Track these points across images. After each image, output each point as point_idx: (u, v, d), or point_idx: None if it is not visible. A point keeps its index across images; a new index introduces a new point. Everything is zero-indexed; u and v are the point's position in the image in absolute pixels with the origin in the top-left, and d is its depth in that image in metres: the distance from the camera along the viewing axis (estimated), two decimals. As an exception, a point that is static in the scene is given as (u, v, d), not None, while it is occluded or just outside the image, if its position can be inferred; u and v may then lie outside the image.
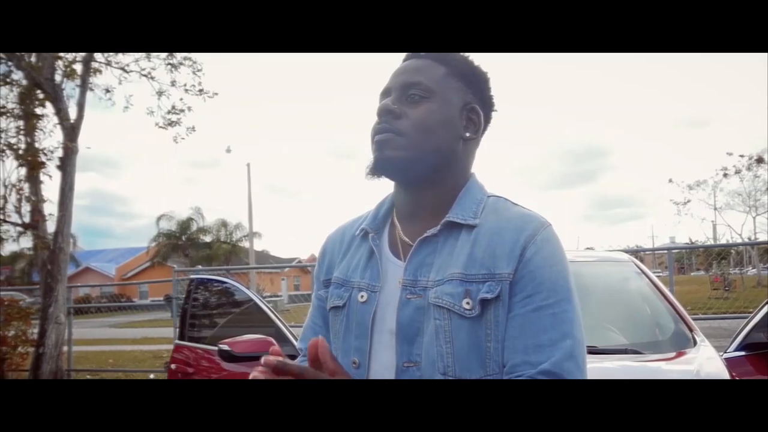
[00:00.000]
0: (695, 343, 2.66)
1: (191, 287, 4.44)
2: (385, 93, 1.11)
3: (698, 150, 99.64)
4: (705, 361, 2.44)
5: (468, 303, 0.97)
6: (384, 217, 1.16)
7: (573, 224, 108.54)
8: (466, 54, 1.13)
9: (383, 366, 1.03)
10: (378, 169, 1.07)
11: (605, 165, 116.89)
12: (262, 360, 0.86)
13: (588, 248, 11.40)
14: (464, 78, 1.11)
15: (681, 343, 2.69)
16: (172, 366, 4.13)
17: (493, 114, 1.16)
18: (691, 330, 2.77)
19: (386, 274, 1.07)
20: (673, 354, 2.62)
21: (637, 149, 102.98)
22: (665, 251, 7.73)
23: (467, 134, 1.10)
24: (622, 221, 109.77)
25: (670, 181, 15.34)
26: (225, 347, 3.43)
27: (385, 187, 1.16)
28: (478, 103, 1.12)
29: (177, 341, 4.27)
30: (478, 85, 1.13)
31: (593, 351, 2.60)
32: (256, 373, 0.88)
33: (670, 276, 6.37)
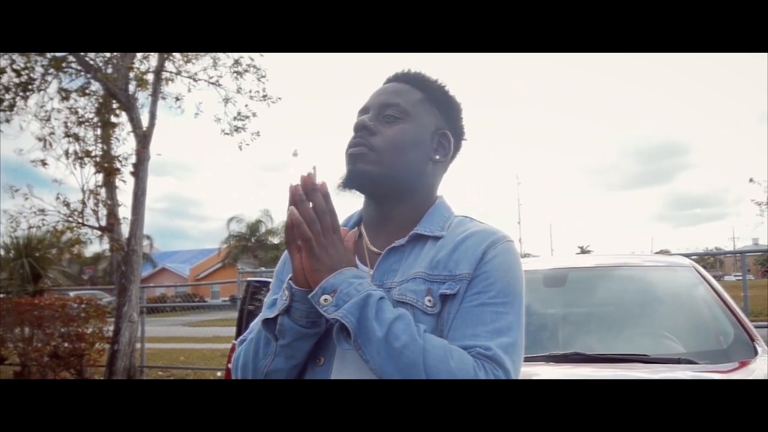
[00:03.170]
0: (756, 352, 2.51)
1: (248, 290, 4.56)
2: (363, 111, 1.18)
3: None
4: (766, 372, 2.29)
5: (430, 300, 1.03)
6: (352, 228, 1.22)
7: (647, 225, 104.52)
8: (443, 83, 1.21)
9: (347, 363, 1.05)
10: (350, 182, 1.14)
11: (682, 163, 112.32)
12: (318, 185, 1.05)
13: (662, 251, 10.92)
14: (439, 105, 1.19)
15: (741, 353, 2.53)
16: (230, 365, 4.26)
17: (463, 143, 1.23)
18: (752, 339, 2.61)
19: None
20: (735, 364, 2.48)
21: (716, 147, 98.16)
22: (738, 254, 7.30)
23: (437, 157, 1.17)
24: (700, 222, 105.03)
25: (751, 180, 14.42)
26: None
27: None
28: (449, 129, 1.19)
29: (234, 341, 4.40)
30: (451, 114, 1.21)
31: (644, 360, 2.50)
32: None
33: (744, 280, 6.02)
